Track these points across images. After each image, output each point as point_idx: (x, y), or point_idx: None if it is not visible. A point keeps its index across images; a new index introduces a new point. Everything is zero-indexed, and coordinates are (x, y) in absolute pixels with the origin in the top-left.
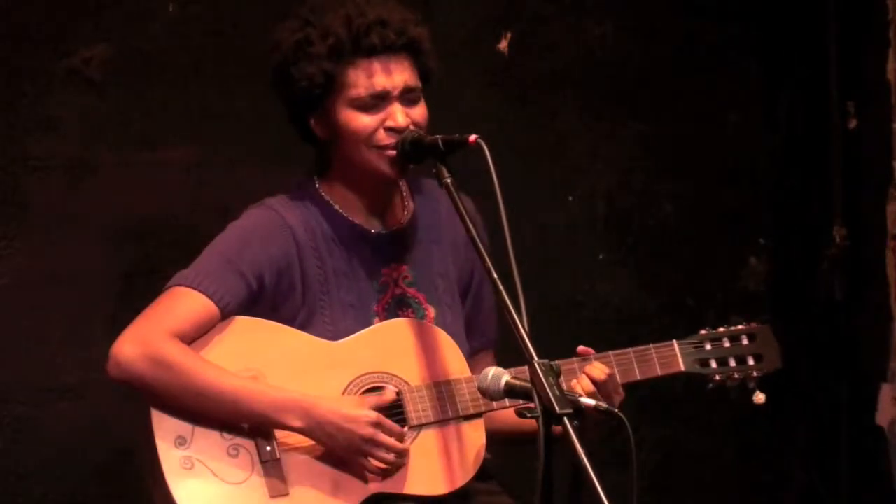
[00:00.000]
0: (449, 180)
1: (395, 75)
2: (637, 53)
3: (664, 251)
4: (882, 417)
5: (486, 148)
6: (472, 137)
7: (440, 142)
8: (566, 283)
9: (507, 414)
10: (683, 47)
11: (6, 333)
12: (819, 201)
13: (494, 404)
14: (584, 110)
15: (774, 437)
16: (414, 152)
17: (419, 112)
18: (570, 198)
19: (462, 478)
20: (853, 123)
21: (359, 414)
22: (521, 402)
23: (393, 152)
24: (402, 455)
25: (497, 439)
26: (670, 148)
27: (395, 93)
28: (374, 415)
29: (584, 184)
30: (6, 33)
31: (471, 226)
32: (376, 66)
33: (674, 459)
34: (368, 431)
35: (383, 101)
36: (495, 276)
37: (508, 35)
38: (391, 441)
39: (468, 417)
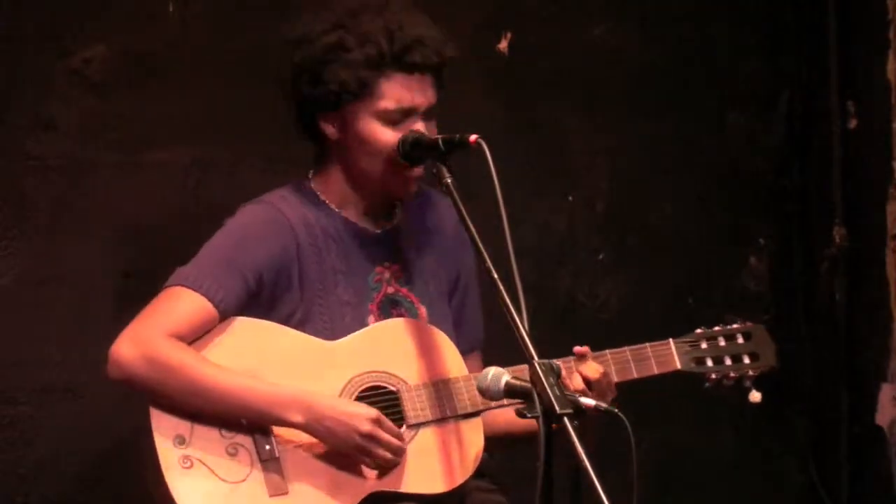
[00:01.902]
0: (449, 181)
1: (425, 93)
2: (637, 53)
3: (664, 251)
4: (882, 417)
5: (486, 148)
6: (473, 138)
7: (440, 142)
8: (566, 283)
9: (506, 417)
10: (683, 47)
11: (6, 333)
12: (819, 201)
13: (493, 403)
14: (584, 110)
15: (774, 437)
16: (414, 152)
17: (432, 130)
18: (570, 198)
19: (461, 476)
20: (853, 123)
21: (359, 411)
22: (520, 401)
23: (413, 174)
24: (400, 453)
25: (495, 441)
26: (670, 148)
27: (421, 110)
28: (374, 412)
29: (584, 184)
30: (6, 33)
31: (471, 225)
32: (409, 82)
33: (674, 459)
34: (367, 428)
35: (408, 116)
36: (495, 275)
37: (508, 35)
38: (390, 439)
39: (466, 416)
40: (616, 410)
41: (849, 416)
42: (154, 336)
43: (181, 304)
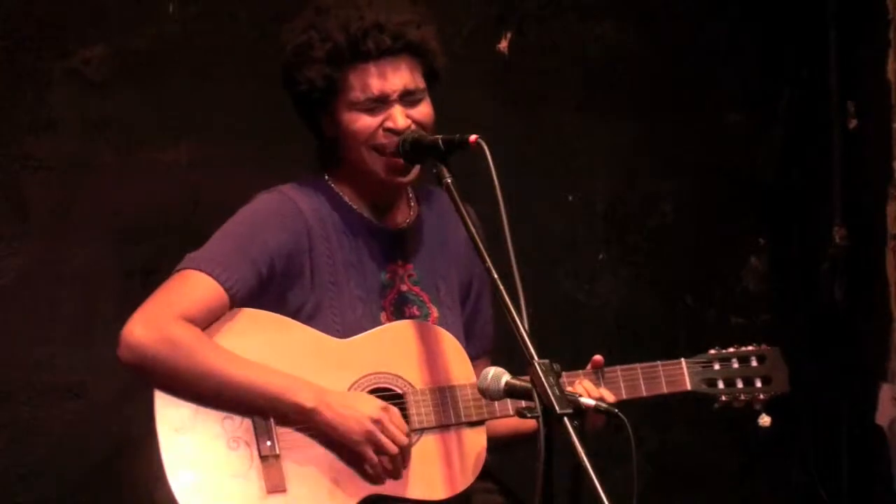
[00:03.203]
0: (449, 180)
1: (394, 79)
2: (637, 53)
3: (664, 251)
4: (882, 417)
5: (486, 148)
6: (473, 138)
7: (440, 142)
8: (566, 283)
9: (508, 420)
10: (683, 47)
11: (7, 333)
12: (819, 201)
13: (497, 410)
14: (584, 110)
15: (775, 437)
16: (414, 152)
17: (421, 112)
18: (570, 198)
19: (462, 483)
20: (853, 123)
21: (368, 401)
22: (522, 403)
23: (395, 159)
24: (405, 450)
25: (497, 443)
26: (670, 148)
27: (394, 96)
28: (382, 403)
29: (584, 184)
30: (6, 33)
31: (471, 225)
32: (374, 70)
33: (674, 460)
34: (377, 415)
35: (383, 103)
36: (495, 275)
37: (508, 35)
38: (396, 432)
39: (470, 423)
40: (616, 411)
41: (849, 416)
42: (168, 318)
43: (194, 287)
